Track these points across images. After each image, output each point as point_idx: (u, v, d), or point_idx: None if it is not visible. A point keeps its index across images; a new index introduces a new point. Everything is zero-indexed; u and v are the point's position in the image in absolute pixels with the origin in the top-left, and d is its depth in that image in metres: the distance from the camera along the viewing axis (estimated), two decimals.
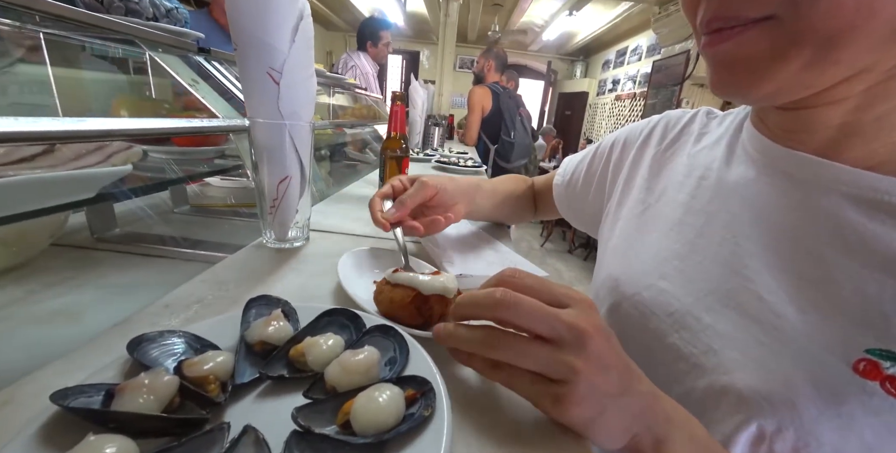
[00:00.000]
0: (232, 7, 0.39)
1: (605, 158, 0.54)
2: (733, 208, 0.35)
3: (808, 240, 0.29)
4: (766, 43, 0.25)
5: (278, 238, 0.50)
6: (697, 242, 0.36)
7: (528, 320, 0.23)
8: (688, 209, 0.38)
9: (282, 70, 0.41)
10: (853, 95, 0.27)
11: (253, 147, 0.45)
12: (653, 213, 0.42)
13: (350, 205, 0.76)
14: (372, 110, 1.61)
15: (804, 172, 0.31)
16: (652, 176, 0.45)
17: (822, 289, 0.28)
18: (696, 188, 0.39)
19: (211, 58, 0.73)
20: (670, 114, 0.49)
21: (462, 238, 0.58)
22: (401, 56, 6.87)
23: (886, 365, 0.24)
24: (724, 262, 0.33)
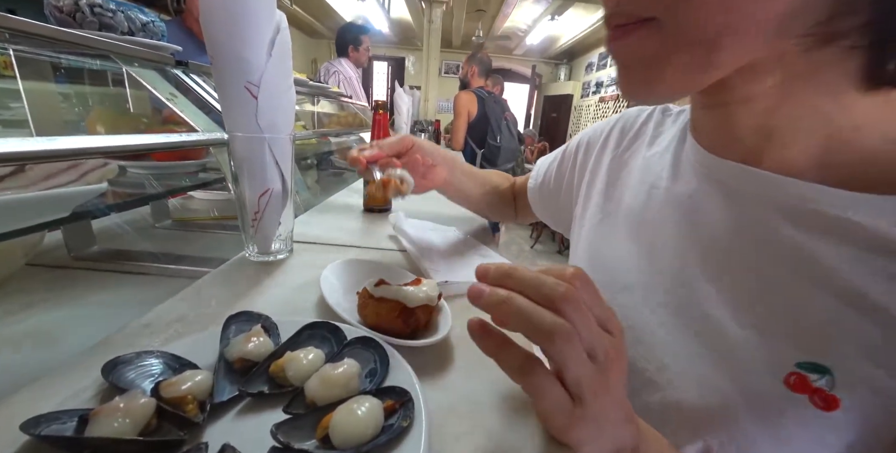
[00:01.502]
0: (207, 21, 0.40)
1: (571, 160, 0.54)
2: (680, 221, 0.35)
3: (744, 254, 0.29)
4: (655, 43, 0.24)
5: (261, 251, 0.50)
6: (651, 255, 0.36)
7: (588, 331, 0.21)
8: (642, 220, 0.38)
9: (259, 84, 0.41)
10: (760, 94, 0.26)
11: (232, 160, 0.45)
12: (611, 222, 0.42)
13: (335, 215, 0.76)
14: (357, 118, 1.61)
15: (737, 182, 0.31)
16: (610, 182, 0.44)
17: (759, 303, 0.28)
18: (648, 198, 0.38)
19: (189, 70, 0.72)
20: (627, 114, 0.48)
21: (448, 245, 0.59)
22: (386, 62, 6.89)
23: (814, 378, 0.25)
24: (675, 276, 0.33)
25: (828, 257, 0.25)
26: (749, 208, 0.30)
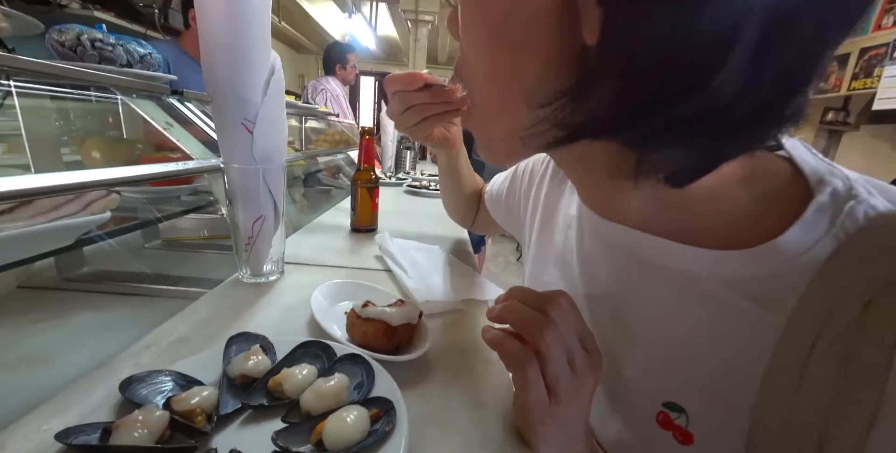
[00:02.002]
0: (207, 64, 0.43)
1: (518, 183, 0.54)
2: (580, 266, 0.36)
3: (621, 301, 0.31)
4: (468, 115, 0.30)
5: (253, 273, 0.53)
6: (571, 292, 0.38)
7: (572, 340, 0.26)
8: (563, 260, 0.39)
9: (255, 120, 0.45)
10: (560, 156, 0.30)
11: (227, 189, 0.49)
12: (544, 255, 0.43)
13: (323, 236, 0.79)
14: (344, 136, 1.65)
15: (606, 233, 0.32)
16: (545, 216, 0.45)
17: (644, 348, 0.30)
18: (565, 239, 0.39)
19: (184, 99, 0.76)
20: None
21: (431, 264, 0.62)
22: (373, 77, 7.00)
23: (674, 415, 0.27)
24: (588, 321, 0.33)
25: (675, 304, 0.27)
26: (620, 260, 0.31)
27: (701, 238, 0.25)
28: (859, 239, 0.21)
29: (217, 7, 0.40)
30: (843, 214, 0.22)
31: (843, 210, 0.22)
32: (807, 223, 0.22)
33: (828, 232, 0.22)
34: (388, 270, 0.61)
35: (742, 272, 0.24)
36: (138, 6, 1.69)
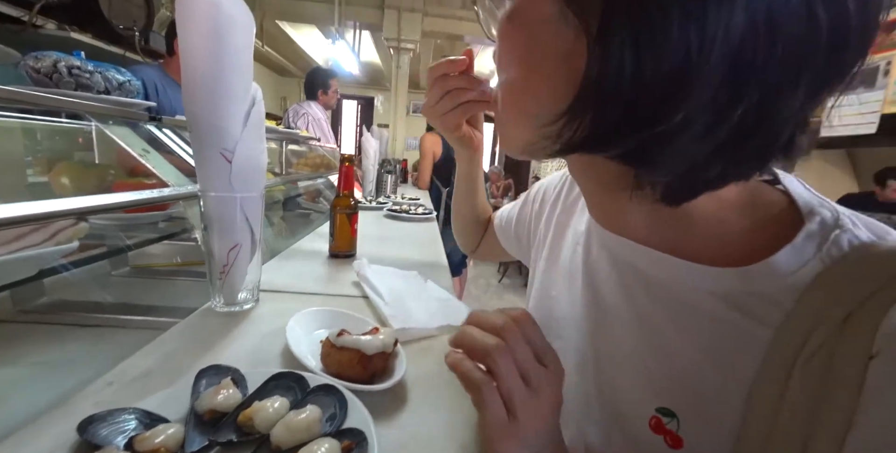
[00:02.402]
0: (188, 95, 0.44)
1: (530, 207, 0.57)
2: (585, 279, 0.39)
3: (624, 317, 0.33)
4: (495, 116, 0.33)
5: (227, 302, 0.52)
6: (574, 308, 0.40)
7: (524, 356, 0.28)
8: (570, 275, 0.42)
9: (234, 150, 0.46)
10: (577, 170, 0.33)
11: (204, 217, 0.49)
12: (553, 273, 0.45)
13: (301, 262, 0.78)
14: (325, 159, 1.67)
15: (613, 247, 0.35)
16: (556, 235, 0.48)
17: (640, 357, 0.32)
18: (573, 255, 0.42)
19: (163, 125, 0.76)
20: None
21: (409, 290, 0.63)
22: (356, 101, 7.12)
23: (666, 420, 0.29)
24: (587, 335, 0.37)
25: (672, 316, 0.29)
26: (623, 272, 0.33)
27: (700, 255, 0.28)
28: (842, 263, 0.24)
29: (200, 39, 0.42)
30: (829, 242, 0.24)
31: (830, 238, 0.25)
32: (797, 247, 0.25)
33: (815, 256, 0.24)
34: (365, 297, 0.61)
35: (735, 288, 0.26)
36: (118, 28, 1.69)
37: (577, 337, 0.38)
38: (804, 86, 0.20)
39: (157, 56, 1.69)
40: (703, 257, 0.27)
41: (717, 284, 0.26)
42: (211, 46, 0.42)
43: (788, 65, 0.19)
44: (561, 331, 0.40)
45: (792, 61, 0.19)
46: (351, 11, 3.68)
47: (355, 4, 3.68)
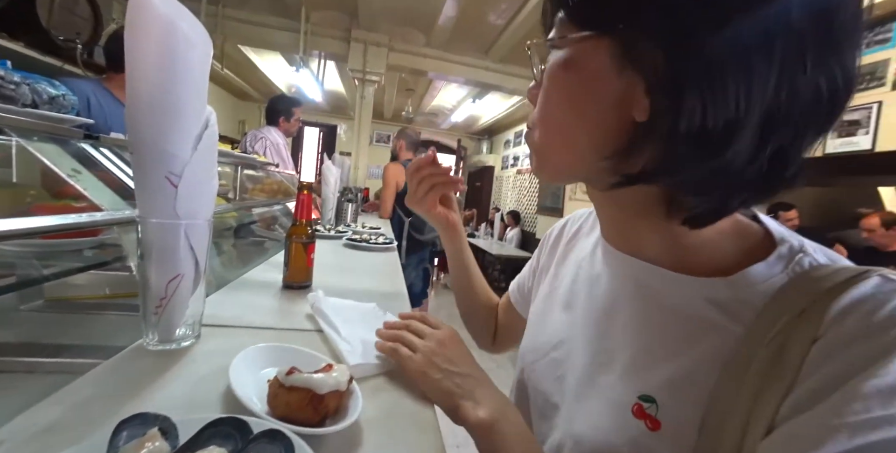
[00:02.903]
0: (132, 113, 0.41)
1: (537, 262, 0.61)
2: (588, 293, 0.45)
3: (620, 320, 0.39)
4: (531, 141, 0.37)
5: (163, 339, 0.47)
6: (576, 322, 0.45)
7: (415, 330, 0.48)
8: (572, 293, 0.48)
9: (181, 175, 0.43)
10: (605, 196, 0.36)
11: (141, 245, 0.44)
12: (554, 296, 0.51)
13: (251, 293, 0.73)
14: (283, 186, 1.62)
15: (618, 265, 0.40)
16: (558, 264, 0.54)
17: (624, 350, 0.37)
18: (576, 276, 0.48)
19: (100, 144, 0.70)
20: (575, 214, 0.60)
21: (366, 323, 0.59)
22: (318, 128, 7.08)
23: (647, 406, 0.33)
24: (581, 338, 0.43)
25: (661, 318, 0.35)
26: (624, 284, 0.40)
27: (693, 270, 0.34)
28: (803, 276, 0.30)
29: (151, 59, 0.40)
30: (794, 261, 0.31)
31: (795, 259, 0.31)
32: (769, 263, 0.31)
33: (783, 271, 0.31)
34: (320, 331, 0.58)
35: (719, 294, 0.32)
36: (58, 40, 1.59)
37: (578, 342, 0.43)
38: (809, 136, 0.28)
39: (100, 70, 1.60)
40: (695, 271, 0.34)
41: (705, 290, 0.33)
42: (162, 67, 0.40)
43: (801, 121, 0.27)
44: (561, 338, 0.46)
45: (803, 118, 0.26)
46: (317, 42, 3.73)
47: (321, 35, 3.74)
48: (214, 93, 5.47)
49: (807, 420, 0.24)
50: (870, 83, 2.20)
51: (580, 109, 0.32)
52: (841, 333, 0.25)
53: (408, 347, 0.45)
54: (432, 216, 0.64)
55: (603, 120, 0.31)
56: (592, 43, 0.31)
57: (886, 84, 2.13)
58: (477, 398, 0.39)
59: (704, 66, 0.25)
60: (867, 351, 0.24)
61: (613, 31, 0.29)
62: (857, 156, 2.25)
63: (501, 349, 0.72)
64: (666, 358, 0.34)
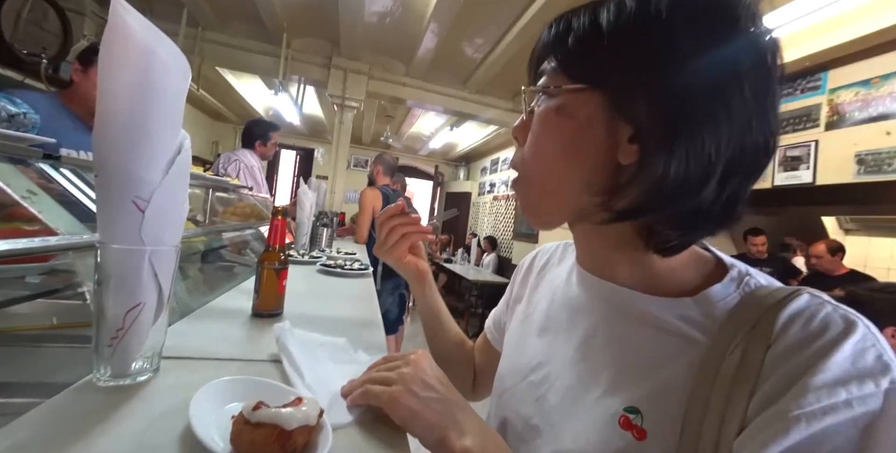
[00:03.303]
0: (101, 137, 0.39)
1: (510, 294, 0.62)
2: (566, 317, 0.47)
3: (600, 339, 0.42)
4: (520, 189, 0.42)
5: (116, 374, 0.43)
6: (554, 344, 0.47)
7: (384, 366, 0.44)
8: (547, 317, 0.50)
9: (149, 199, 0.41)
10: (602, 233, 0.40)
11: (99, 272, 0.42)
12: (529, 322, 0.53)
13: (218, 322, 0.69)
14: (256, 209, 1.58)
15: (597, 290, 0.44)
16: (531, 293, 0.57)
17: (609, 369, 0.39)
18: (553, 301, 0.50)
19: (60, 164, 0.67)
20: (544, 247, 0.62)
21: (335, 363, 0.54)
22: (295, 151, 7.05)
23: (632, 417, 0.35)
24: (562, 357, 0.45)
25: (640, 335, 0.38)
26: (601, 306, 0.43)
27: (663, 292, 0.38)
28: (752, 294, 0.35)
29: (126, 84, 0.39)
30: (743, 283, 0.37)
31: (744, 281, 0.37)
32: (724, 284, 0.37)
33: (736, 291, 0.36)
34: (278, 361, 0.53)
35: (688, 311, 0.36)
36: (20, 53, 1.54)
37: (559, 363, 0.44)
38: (752, 179, 0.35)
39: (64, 86, 1.55)
40: (666, 293, 0.38)
41: (676, 309, 0.37)
42: (136, 93, 0.39)
43: (749, 169, 0.34)
44: (539, 361, 0.47)
45: (750, 167, 0.34)
46: (297, 67, 3.77)
47: (302, 61, 3.79)
48: (189, 113, 5.39)
49: (772, 414, 0.28)
50: (807, 124, 2.44)
51: (570, 151, 0.36)
52: (787, 340, 0.30)
53: (380, 383, 0.42)
54: (402, 266, 0.64)
55: (591, 161, 0.36)
56: (585, 94, 0.35)
57: (820, 125, 2.37)
58: (461, 426, 0.38)
59: (685, 121, 0.32)
60: (810, 353, 0.29)
61: (605, 86, 0.34)
62: (800, 189, 2.45)
63: (482, 394, 0.68)
64: (647, 370, 0.36)
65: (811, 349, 0.29)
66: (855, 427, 0.26)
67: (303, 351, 0.53)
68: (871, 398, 0.26)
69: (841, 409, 0.26)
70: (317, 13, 3.11)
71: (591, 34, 0.34)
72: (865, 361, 0.28)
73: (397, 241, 0.60)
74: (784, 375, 0.29)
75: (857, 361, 0.28)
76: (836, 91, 2.31)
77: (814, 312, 0.31)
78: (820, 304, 0.32)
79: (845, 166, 2.23)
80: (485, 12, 2.75)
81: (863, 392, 0.27)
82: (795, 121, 2.49)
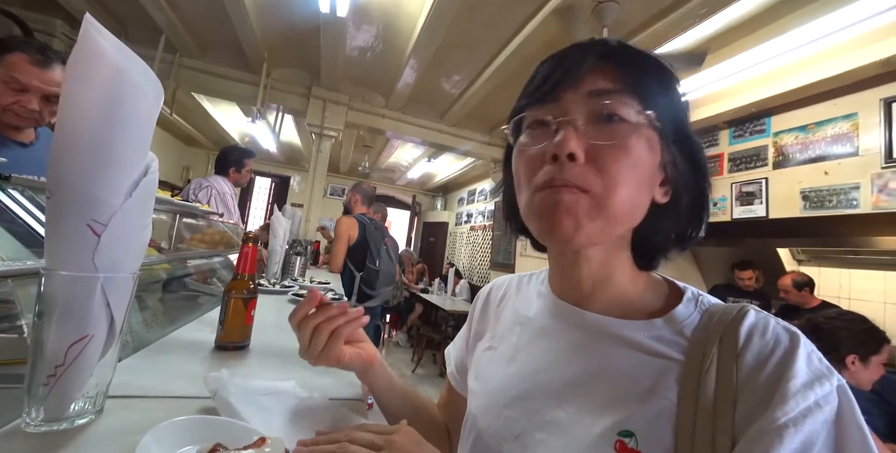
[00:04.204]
0: (58, 155, 0.37)
1: (469, 325, 0.60)
2: (542, 345, 0.46)
3: (581, 366, 0.41)
4: (585, 205, 0.37)
5: (50, 417, 0.38)
6: (524, 374, 0.45)
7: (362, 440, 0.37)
8: (517, 349, 0.48)
9: (107, 223, 0.39)
10: (596, 257, 0.42)
11: (41, 301, 0.38)
12: (495, 354, 0.51)
13: (176, 356, 0.64)
14: (226, 236, 1.52)
15: (571, 317, 0.44)
16: (493, 325, 0.54)
17: (592, 396, 0.39)
18: (521, 332, 0.49)
19: (7, 185, 0.63)
20: (496, 282, 0.60)
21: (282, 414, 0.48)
22: (270, 179, 6.96)
23: (627, 441, 0.35)
24: (543, 388, 0.43)
25: (621, 358, 0.39)
26: (577, 333, 0.43)
27: (632, 316, 0.41)
28: (709, 313, 0.39)
29: (91, 101, 0.37)
30: (700, 303, 0.40)
31: (699, 300, 0.41)
32: (685, 304, 0.40)
33: (696, 309, 0.40)
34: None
35: (660, 331, 0.39)
36: None
37: (538, 396, 0.42)
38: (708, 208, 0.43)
39: None
40: (636, 316, 0.41)
41: (647, 330, 0.39)
42: (104, 111, 0.37)
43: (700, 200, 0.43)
44: (512, 395, 0.44)
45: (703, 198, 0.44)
46: (276, 96, 3.79)
47: (281, 90, 3.82)
48: (159, 136, 5.27)
49: (763, 424, 0.30)
50: (757, 163, 2.67)
51: (647, 182, 0.40)
52: (752, 351, 0.34)
53: (364, 446, 0.36)
54: (345, 365, 0.52)
55: (647, 196, 0.40)
56: (655, 133, 0.39)
57: (769, 164, 2.59)
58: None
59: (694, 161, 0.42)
60: (775, 363, 0.32)
61: (664, 131, 0.39)
62: (755, 221, 2.61)
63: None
64: (634, 392, 0.37)
65: (774, 359, 0.33)
66: (826, 424, 0.30)
67: (246, 403, 0.46)
68: (830, 395, 0.31)
69: (813, 410, 0.30)
70: (298, 45, 3.19)
71: (657, 84, 0.40)
72: (815, 365, 0.32)
73: (327, 344, 0.49)
74: (760, 387, 0.32)
75: (811, 365, 0.32)
76: (780, 134, 2.54)
77: (764, 326, 0.35)
78: (765, 318, 0.36)
79: (792, 202, 2.41)
80: (462, 51, 2.89)
81: (824, 391, 0.31)
82: (748, 159, 2.71)
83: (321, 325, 0.48)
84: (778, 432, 0.29)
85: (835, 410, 0.30)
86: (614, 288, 0.43)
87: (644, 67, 0.40)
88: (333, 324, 0.49)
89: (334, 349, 0.49)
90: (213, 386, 0.48)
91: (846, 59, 2.04)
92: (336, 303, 0.50)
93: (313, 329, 0.48)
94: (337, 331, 0.49)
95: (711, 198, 0.43)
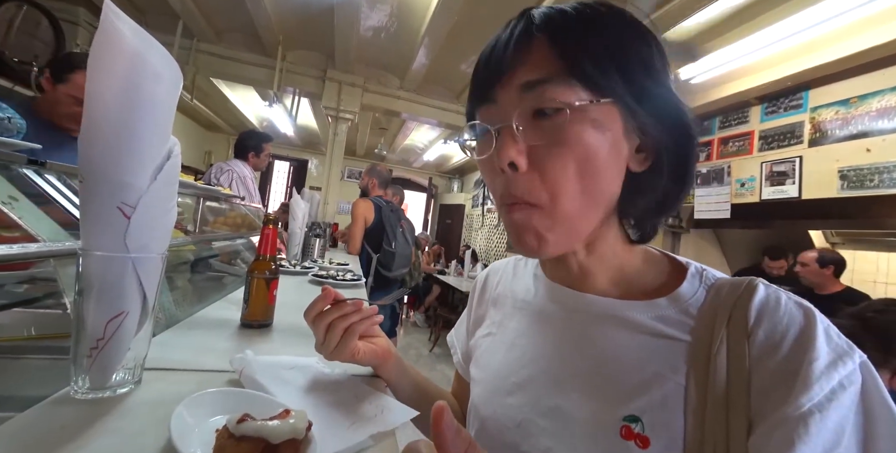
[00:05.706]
0: (86, 139, 0.39)
1: (469, 310, 0.60)
2: (541, 330, 0.45)
3: (583, 351, 0.40)
4: (538, 219, 0.36)
5: (95, 386, 0.41)
6: (525, 361, 0.44)
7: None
8: (516, 334, 0.47)
9: (136, 205, 0.41)
10: (580, 250, 0.41)
11: (80, 280, 0.41)
12: (495, 340, 0.50)
13: (205, 333, 0.68)
14: (248, 219, 1.56)
15: (569, 301, 0.43)
16: (492, 310, 0.54)
17: (593, 380, 0.38)
18: (521, 317, 0.48)
19: (45, 170, 0.66)
20: (493, 266, 0.60)
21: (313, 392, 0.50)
22: (289, 162, 7.04)
23: (633, 426, 0.34)
24: (545, 374, 0.42)
25: (624, 342, 0.38)
26: (577, 317, 0.42)
27: (633, 296, 0.40)
28: (715, 289, 0.37)
29: (113, 87, 0.38)
30: (704, 278, 0.39)
31: (703, 275, 0.39)
32: (690, 281, 0.39)
33: (701, 286, 0.38)
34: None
35: (664, 311, 0.37)
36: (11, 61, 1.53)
37: (540, 382, 0.42)
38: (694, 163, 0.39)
39: None
40: (636, 297, 0.40)
41: (650, 310, 0.38)
42: (125, 100, 0.38)
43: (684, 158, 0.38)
44: (514, 381, 0.43)
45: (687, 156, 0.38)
46: (291, 79, 3.80)
47: (296, 73, 3.82)
48: (181, 122, 5.37)
49: (787, 410, 0.29)
50: (791, 140, 2.49)
51: (606, 166, 0.36)
52: (764, 330, 0.32)
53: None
54: (359, 361, 0.52)
55: (618, 174, 0.37)
56: (608, 107, 0.35)
57: (804, 141, 2.43)
58: None
59: (674, 125, 0.37)
60: (791, 343, 0.31)
61: (621, 100, 0.35)
62: (786, 202, 2.48)
63: None
64: (638, 376, 0.36)
65: (789, 338, 0.31)
66: (853, 403, 0.29)
67: (273, 380, 0.48)
68: (854, 374, 0.30)
69: (838, 392, 0.29)
70: (312, 27, 3.16)
71: (605, 51, 0.34)
72: (835, 341, 0.31)
73: (341, 340, 0.49)
74: (779, 368, 0.31)
75: (830, 343, 0.31)
76: (818, 109, 2.37)
77: (776, 301, 0.34)
78: (776, 293, 0.35)
79: (829, 181, 2.27)
80: (477, 30, 2.80)
81: (847, 370, 0.30)
82: (780, 137, 2.55)
83: (335, 322, 0.49)
84: (803, 419, 0.28)
85: (859, 390, 0.29)
86: (609, 268, 0.41)
87: (584, 35, 0.34)
88: (347, 321, 0.49)
89: (348, 345, 0.49)
90: (238, 366, 0.50)
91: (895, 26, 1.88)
92: (350, 300, 0.50)
93: (328, 325, 0.49)
94: (351, 328, 0.49)
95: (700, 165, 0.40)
